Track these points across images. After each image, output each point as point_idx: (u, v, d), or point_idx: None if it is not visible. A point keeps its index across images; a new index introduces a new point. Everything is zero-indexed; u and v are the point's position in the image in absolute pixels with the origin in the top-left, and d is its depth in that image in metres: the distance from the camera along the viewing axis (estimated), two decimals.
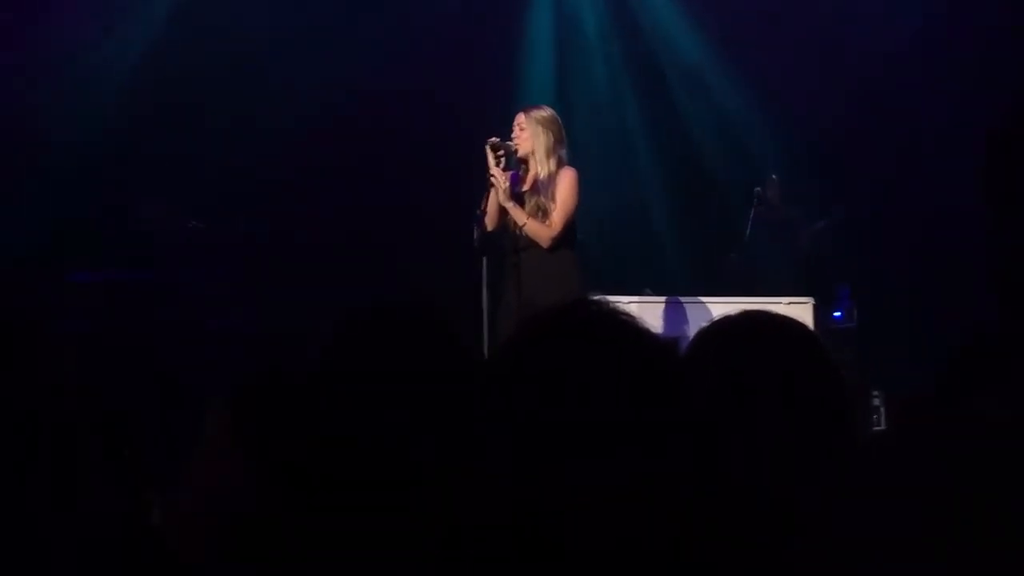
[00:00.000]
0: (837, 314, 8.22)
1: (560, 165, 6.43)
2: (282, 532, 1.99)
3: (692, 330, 6.91)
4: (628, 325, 1.42)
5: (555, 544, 1.32)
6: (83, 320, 7.54)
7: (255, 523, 2.05)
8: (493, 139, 6.41)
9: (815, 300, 7.20)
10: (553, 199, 6.36)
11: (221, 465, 2.15)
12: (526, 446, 1.34)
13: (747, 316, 1.97)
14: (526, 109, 6.59)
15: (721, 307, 6.80)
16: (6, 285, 7.65)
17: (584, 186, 6.51)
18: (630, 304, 6.94)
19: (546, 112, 6.54)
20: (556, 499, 1.31)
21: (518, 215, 6.34)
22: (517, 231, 6.36)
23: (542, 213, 6.35)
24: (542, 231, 6.35)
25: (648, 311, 7.01)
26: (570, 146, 6.59)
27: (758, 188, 8.73)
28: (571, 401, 1.34)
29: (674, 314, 7.07)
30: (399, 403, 1.88)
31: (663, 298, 7.19)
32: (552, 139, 6.43)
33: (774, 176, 8.68)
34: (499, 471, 1.34)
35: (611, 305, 1.47)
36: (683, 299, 7.17)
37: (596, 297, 1.52)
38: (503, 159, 6.36)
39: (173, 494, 2.23)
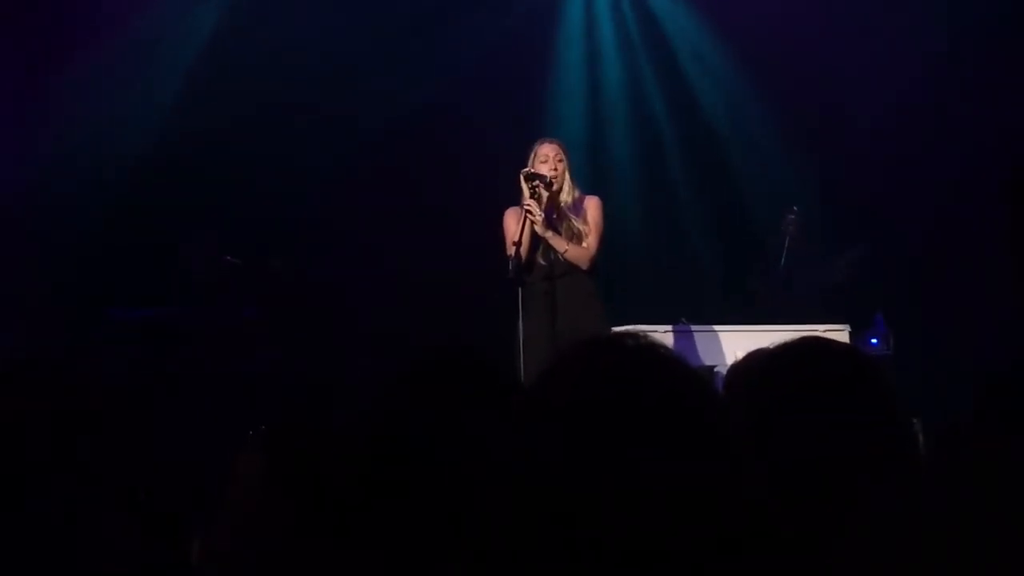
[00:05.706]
0: (873, 341, 8.15)
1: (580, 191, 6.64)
2: (319, 569, 1.99)
3: (728, 359, 6.89)
4: (667, 359, 1.42)
5: None
6: (123, 357, 7.56)
7: (292, 560, 2.05)
8: (526, 170, 6.45)
9: (850, 327, 7.17)
10: (585, 222, 6.50)
11: (258, 503, 2.16)
12: (561, 483, 1.33)
13: (804, 342, 1.99)
14: (552, 140, 6.68)
15: (756, 335, 6.76)
16: (43, 324, 7.69)
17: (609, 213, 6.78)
18: (666, 333, 6.93)
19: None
20: (592, 536, 1.30)
21: (558, 243, 6.42)
22: (551, 258, 6.42)
23: (576, 238, 6.44)
24: (582, 253, 6.47)
25: (683, 340, 7.00)
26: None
27: (792, 216, 8.60)
28: (610, 436, 1.34)
29: (709, 343, 7.05)
30: (442, 444, 1.89)
31: (698, 327, 7.17)
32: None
33: (795, 208, 8.59)
34: (536, 510, 1.33)
35: (649, 339, 1.47)
36: (718, 328, 7.16)
37: (633, 330, 1.53)
38: (538, 189, 6.40)
39: (211, 532, 2.23)
